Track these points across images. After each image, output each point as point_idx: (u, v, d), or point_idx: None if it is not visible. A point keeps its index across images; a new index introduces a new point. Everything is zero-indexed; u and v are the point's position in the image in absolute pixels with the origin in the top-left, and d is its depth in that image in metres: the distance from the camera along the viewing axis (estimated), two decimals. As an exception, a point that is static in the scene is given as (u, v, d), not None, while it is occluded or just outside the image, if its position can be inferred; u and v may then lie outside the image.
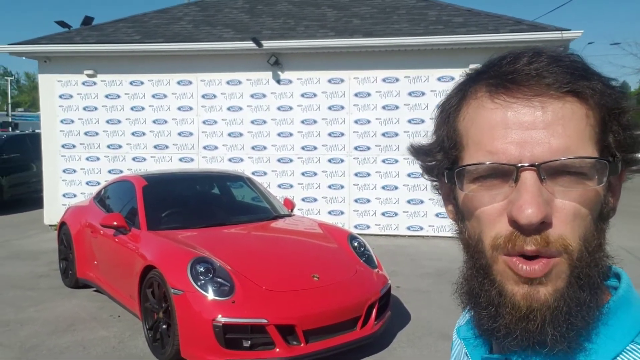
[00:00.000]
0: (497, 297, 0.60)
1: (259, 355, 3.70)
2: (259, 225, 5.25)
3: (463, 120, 0.64)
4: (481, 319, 0.62)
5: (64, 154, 9.52)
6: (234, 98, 8.99)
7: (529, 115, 0.58)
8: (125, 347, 4.36)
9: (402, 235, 8.65)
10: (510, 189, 0.58)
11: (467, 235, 0.64)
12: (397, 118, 8.55)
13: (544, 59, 0.59)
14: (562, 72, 0.58)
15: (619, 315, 0.61)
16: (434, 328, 4.68)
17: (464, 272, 0.65)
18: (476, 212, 0.61)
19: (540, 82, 0.58)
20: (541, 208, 0.55)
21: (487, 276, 0.61)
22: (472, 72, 0.66)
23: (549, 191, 0.57)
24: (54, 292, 5.83)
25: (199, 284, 3.83)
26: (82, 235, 5.79)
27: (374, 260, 4.72)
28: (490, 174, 0.59)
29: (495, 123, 0.59)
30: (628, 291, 0.63)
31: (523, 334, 0.58)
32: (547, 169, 0.57)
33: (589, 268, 0.58)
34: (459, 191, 0.64)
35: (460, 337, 0.75)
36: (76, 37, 9.43)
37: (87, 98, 9.40)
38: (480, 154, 0.60)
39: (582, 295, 0.57)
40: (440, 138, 0.67)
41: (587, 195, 0.58)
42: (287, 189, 8.90)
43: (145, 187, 5.24)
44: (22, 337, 4.56)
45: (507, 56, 0.62)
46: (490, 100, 0.60)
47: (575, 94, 0.58)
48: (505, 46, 8.03)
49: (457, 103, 0.65)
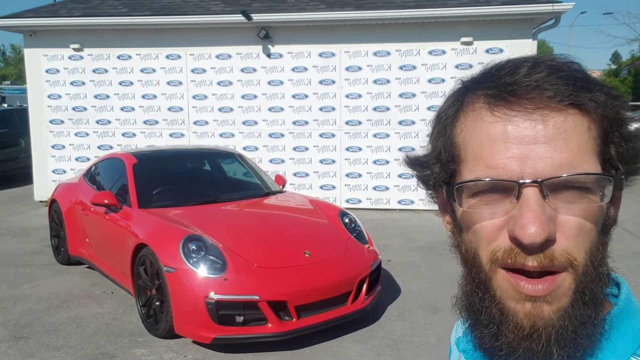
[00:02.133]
0: (499, 315, 0.58)
1: (252, 331, 3.77)
2: (251, 202, 5.27)
3: (461, 132, 0.62)
4: (482, 337, 0.61)
5: (52, 130, 9.42)
6: (224, 72, 8.89)
7: (530, 129, 0.56)
8: (119, 323, 4.42)
9: (393, 209, 8.72)
10: (512, 205, 0.56)
11: (464, 249, 0.63)
12: (389, 92, 8.51)
13: (543, 70, 0.57)
14: (563, 83, 0.56)
15: (620, 327, 0.60)
16: (424, 301, 4.77)
17: (463, 287, 0.64)
18: (474, 227, 0.60)
19: (541, 94, 0.56)
20: (544, 227, 0.53)
21: (487, 291, 0.59)
22: (468, 81, 0.64)
23: (551, 207, 0.55)
24: (47, 269, 5.86)
25: (191, 262, 3.87)
26: (73, 212, 5.79)
27: (364, 235, 4.77)
28: (490, 189, 0.58)
29: (495, 137, 0.57)
30: (628, 302, 0.62)
31: (526, 353, 0.57)
32: (549, 185, 0.55)
33: (594, 283, 0.57)
34: (457, 205, 0.62)
35: (459, 350, 0.73)
36: (61, 10, 9.23)
37: (74, 73, 9.25)
38: (479, 168, 0.58)
39: (586, 312, 0.56)
40: (437, 150, 0.65)
41: (591, 210, 0.56)
42: (278, 164, 8.90)
43: (135, 164, 5.22)
44: (16, 314, 4.61)
45: (505, 66, 0.60)
46: (490, 112, 0.58)
47: (577, 106, 0.56)
48: (496, 19, 7.99)
49: (453, 114, 0.63)
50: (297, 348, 3.89)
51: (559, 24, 8.22)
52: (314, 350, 3.89)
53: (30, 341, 4.08)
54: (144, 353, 3.88)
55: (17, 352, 3.90)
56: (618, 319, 0.60)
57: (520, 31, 8.05)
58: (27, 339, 4.11)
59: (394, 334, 4.18)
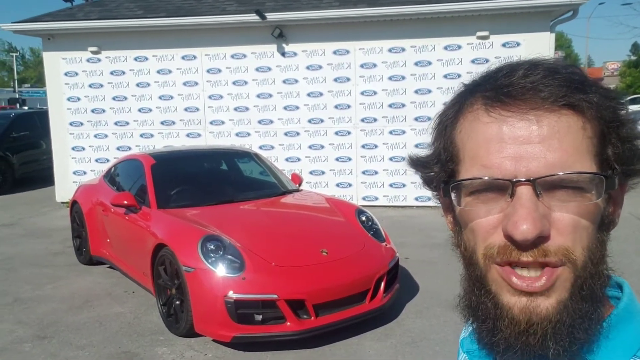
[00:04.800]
0: (494, 310, 0.59)
1: (271, 329, 3.80)
2: (268, 201, 5.29)
3: (459, 133, 0.64)
4: (481, 333, 0.62)
5: (72, 132, 9.57)
6: (239, 72, 8.94)
7: (524, 129, 0.57)
8: (141, 322, 4.48)
9: (410, 206, 8.69)
10: (507, 203, 0.57)
11: (463, 248, 0.64)
12: (404, 89, 8.47)
13: (540, 72, 0.58)
14: (558, 85, 0.57)
15: (620, 328, 0.60)
16: (442, 299, 4.74)
17: (463, 285, 0.65)
18: (471, 225, 0.61)
19: (536, 95, 0.57)
20: (537, 224, 0.55)
21: (483, 287, 0.61)
22: (469, 83, 0.66)
23: (545, 205, 0.56)
24: (69, 269, 5.96)
25: (209, 261, 3.91)
26: (94, 213, 5.88)
27: (381, 233, 4.76)
28: (486, 188, 0.59)
29: (490, 137, 0.59)
30: (630, 304, 0.63)
31: (523, 348, 0.57)
32: (543, 184, 0.56)
33: (592, 279, 0.58)
34: (455, 204, 0.63)
35: (464, 350, 0.74)
36: (78, 13, 9.36)
37: (92, 75, 9.39)
38: (475, 168, 0.60)
39: (584, 307, 0.57)
40: (437, 150, 0.67)
41: (585, 208, 0.57)
42: (294, 162, 8.93)
43: (153, 165, 5.28)
44: (40, 313, 4.70)
45: (503, 68, 0.62)
46: (486, 113, 0.60)
47: (571, 107, 0.58)
48: (513, 12, 7.89)
49: (453, 115, 0.65)
50: (316, 346, 3.91)
51: (577, 16, 8.07)
52: (332, 349, 3.91)
53: (54, 341, 4.16)
54: (165, 352, 3.93)
55: (42, 351, 3.98)
56: (619, 320, 0.61)
57: (538, 24, 7.94)
58: (51, 339, 4.19)
59: (412, 332, 4.17)
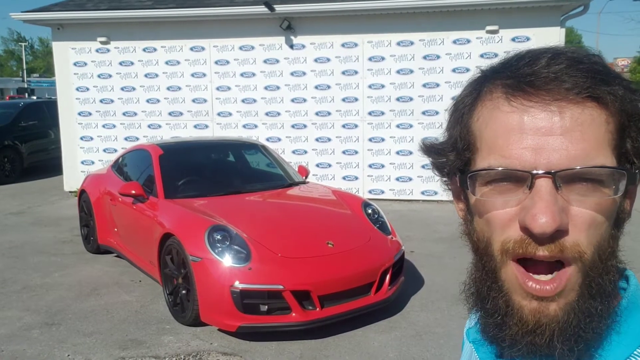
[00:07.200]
0: (504, 307, 0.59)
1: (276, 320, 3.83)
2: (274, 192, 5.31)
3: (477, 120, 0.62)
4: (487, 326, 0.62)
5: (80, 122, 9.62)
6: (247, 64, 8.94)
7: (546, 120, 0.56)
8: (147, 310, 4.52)
9: (416, 200, 8.68)
10: (524, 195, 0.56)
11: (475, 238, 0.63)
12: (412, 82, 8.44)
13: (563, 61, 0.57)
14: (582, 76, 0.56)
15: (627, 320, 0.60)
16: (447, 292, 4.76)
17: (472, 274, 0.65)
18: (487, 216, 0.60)
19: (560, 86, 0.56)
20: (555, 217, 0.54)
21: (496, 281, 0.60)
22: (488, 69, 0.64)
23: (564, 199, 0.55)
24: (77, 258, 6.02)
25: (216, 251, 3.93)
26: (102, 202, 5.93)
27: (387, 226, 4.77)
28: (504, 179, 0.58)
29: (511, 127, 0.57)
30: (636, 295, 0.63)
31: (529, 346, 0.57)
32: (563, 177, 0.55)
33: (601, 276, 0.57)
34: (470, 194, 0.62)
35: (470, 340, 0.74)
36: (88, 3, 9.37)
37: (101, 65, 9.42)
38: (493, 157, 0.58)
39: (593, 305, 0.57)
40: (453, 138, 0.65)
41: (604, 204, 0.56)
42: (301, 154, 8.94)
43: (161, 155, 5.31)
44: (48, 301, 4.75)
45: (525, 56, 0.60)
46: (507, 102, 0.58)
47: (595, 99, 0.56)
48: (523, 6, 7.83)
49: (471, 102, 0.63)
50: (321, 337, 3.93)
51: (587, 11, 8.01)
52: (337, 340, 3.93)
53: (62, 328, 4.21)
54: (172, 340, 3.97)
55: (49, 338, 4.03)
56: (625, 312, 0.60)
57: (548, 19, 7.88)
58: (59, 326, 4.25)
59: (417, 325, 4.19)
